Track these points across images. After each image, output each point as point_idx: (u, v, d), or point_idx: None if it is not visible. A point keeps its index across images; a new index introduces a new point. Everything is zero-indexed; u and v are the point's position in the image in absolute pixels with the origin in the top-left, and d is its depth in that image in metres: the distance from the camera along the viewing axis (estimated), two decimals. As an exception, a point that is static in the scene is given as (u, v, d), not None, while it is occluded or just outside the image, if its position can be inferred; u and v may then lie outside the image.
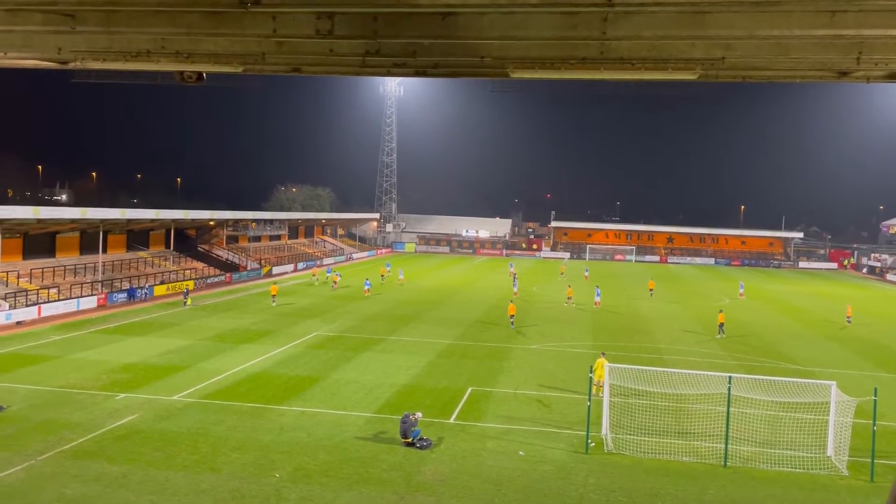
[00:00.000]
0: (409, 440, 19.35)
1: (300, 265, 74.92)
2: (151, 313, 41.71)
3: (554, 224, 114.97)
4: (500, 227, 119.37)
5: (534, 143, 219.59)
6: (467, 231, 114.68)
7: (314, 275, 63.56)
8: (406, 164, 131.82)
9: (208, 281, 57.04)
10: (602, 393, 22.60)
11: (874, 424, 18.55)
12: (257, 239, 78.82)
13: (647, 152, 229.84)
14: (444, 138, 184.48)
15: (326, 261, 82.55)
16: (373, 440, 20.01)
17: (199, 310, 43.66)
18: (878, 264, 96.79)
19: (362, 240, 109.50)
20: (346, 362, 29.72)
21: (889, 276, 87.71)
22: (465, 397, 24.81)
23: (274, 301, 46.52)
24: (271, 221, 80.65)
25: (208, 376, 26.63)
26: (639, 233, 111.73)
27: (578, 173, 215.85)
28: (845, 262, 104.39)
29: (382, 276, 62.49)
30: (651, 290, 60.06)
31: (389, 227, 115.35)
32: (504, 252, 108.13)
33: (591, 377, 21.29)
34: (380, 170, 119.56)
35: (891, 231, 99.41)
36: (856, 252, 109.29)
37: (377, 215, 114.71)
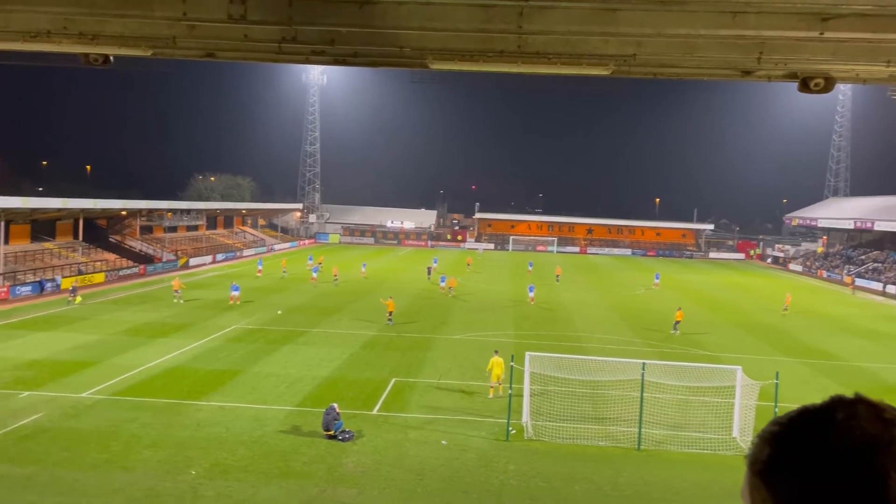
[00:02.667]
0: (332, 433, 19.20)
1: (219, 256, 72.91)
2: (59, 307, 39.71)
3: (478, 215, 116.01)
4: (425, 218, 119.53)
5: (459, 134, 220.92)
6: (392, 222, 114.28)
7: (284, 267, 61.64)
8: (330, 154, 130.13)
9: (121, 273, 54.78)
10: (500, 392, 23.19)
11: (776, 406, 19.64)
12: (173, 229, 76.15)
13: (569, 146, 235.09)
14: (369, 128, 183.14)
15: (246, 252, 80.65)
16: (294, 434, 19.75)
17: (109, 304, 41.86)
18: (782, 255, 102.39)
19: (284, 230, 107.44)
20: (267, 355, 29.18)
21: (791, 266, 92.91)
22: (389, 388, 24.81)
23: (178, 296, 42.44)
24: (188, 211, 78.10)
25: (120, 372, 25.60)
26: (560, 224, 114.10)
27: (503, 165, 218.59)
28: (752, 252, 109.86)
29: (284, 269, 60.76)
30: (557, 275, 62.09)
31: (313, 218, 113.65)
32: (429, 243, 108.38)
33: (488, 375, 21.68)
34: (303, 159, 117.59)
35: (793, 223, 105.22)
36: (761, 243, 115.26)
37: (300, 206, 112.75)
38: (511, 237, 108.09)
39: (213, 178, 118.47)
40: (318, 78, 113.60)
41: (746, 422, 20.39)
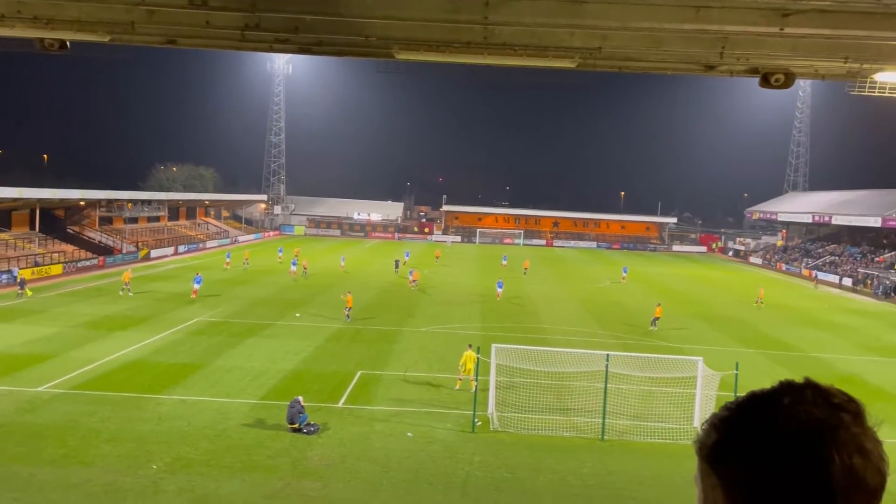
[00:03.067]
0: (296, 426, 19.06)
1: (181, 248, 71.73)
2: (13, 300, 38.66)
3: (445, 208, 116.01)
4: (392, 210, 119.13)
5: (426, 126, 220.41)
6: (359, 214, 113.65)
7: (246, 259, 60.78)
8: (295, 145, 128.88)
9: (79, 265, 53.53)
10: (471, 387, 23.29)
11: (735, 396, 20.01)
12: (134, 220, 74.54)
13: (536, 139, 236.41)
14: (335, 119, 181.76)
15: (210, 244, 79.51)
16: (258, 427, 19.56)
17: (67, 296, 40.90)
18: (742, 248, 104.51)
19: (249, 222, 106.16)
20: (231, 348, 28.82)
21: (752, 259, 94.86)
22: (355, 381, 24.71)
23: (126, 289, 41.24)
24: (149, 202, 76.59)
25: (79, 365, 25.04)
26: (526, 217, 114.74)
27: (470, 158, 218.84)
28: (714, 245, 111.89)
29: (246, 260, 60.08)
30: (525, 269, 62.45)
31: (278, 210, 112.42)
32: (396, 236, 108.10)
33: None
34: (267, 150, 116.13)
35: (754, 217, 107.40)
36: (723, 236, 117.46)
37: (264, 197, 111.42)
38: (478, 230, 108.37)
39: (175, 169, 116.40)
40: (283, 67, 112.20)
41: (707, 411, 20.72)
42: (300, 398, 19.62)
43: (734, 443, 1.06)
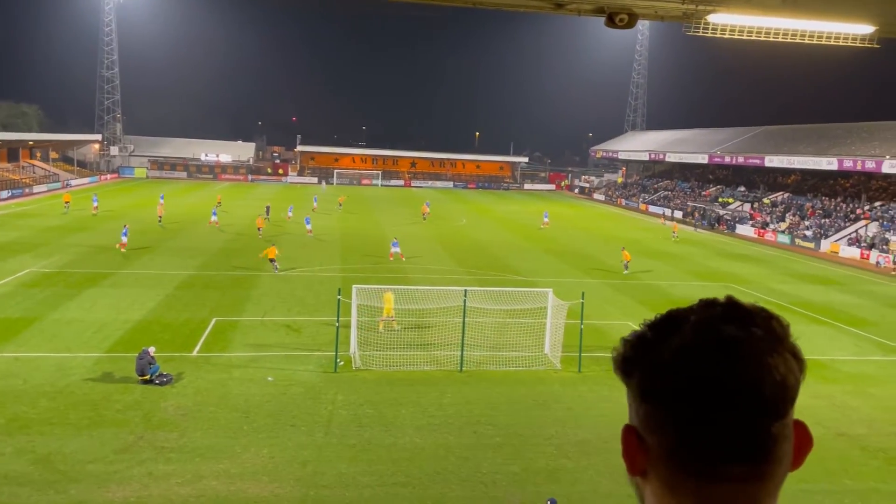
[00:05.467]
0: (147, 377, 18.18)
1: (3, 193, 64.86)
2: None
3: (300, 148, 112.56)
4: (242, 151, 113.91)
5: (277, 62, 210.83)
6: (206, 155, 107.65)
7: (67, 202, 55.16)
8: (132, 80, 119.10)
9: None
10: (393, 326, 23.42)
11: (581, 324, 21.43)
12: (-57, 163, 66.28)
13: (392, 80, 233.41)
14: (177, 52, 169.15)
15: (37, 188, 72.53)
16: (104, 381, 18.46)
17: None
18: (587, 185, 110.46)
19: (82, 164, 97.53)
20: (69, 300, 26.73)
21: (595, 196, 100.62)
22: (209, 329, 23.84)
23: None
24: (-39, 143, 68.21)
25: None
26: (384, 158, 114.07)
27: (324, 97, 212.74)
28: (562, 183, 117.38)
29: (67, 203, 55.30)
30: (424, 214, 60.96)
31: (115, 151, 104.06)
32: (249, 178, 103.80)
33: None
34: (100, 85, 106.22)
35: (597, 156, 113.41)
36: (570, 175, 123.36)
37: (99, 137, 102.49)
38: (335, 171, 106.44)
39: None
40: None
41: (556, 339, 22.12)
42: (150, 349, 18.69)
43: (638, 357, 1.09)
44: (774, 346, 1.05)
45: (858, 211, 58.34)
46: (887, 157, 54.25)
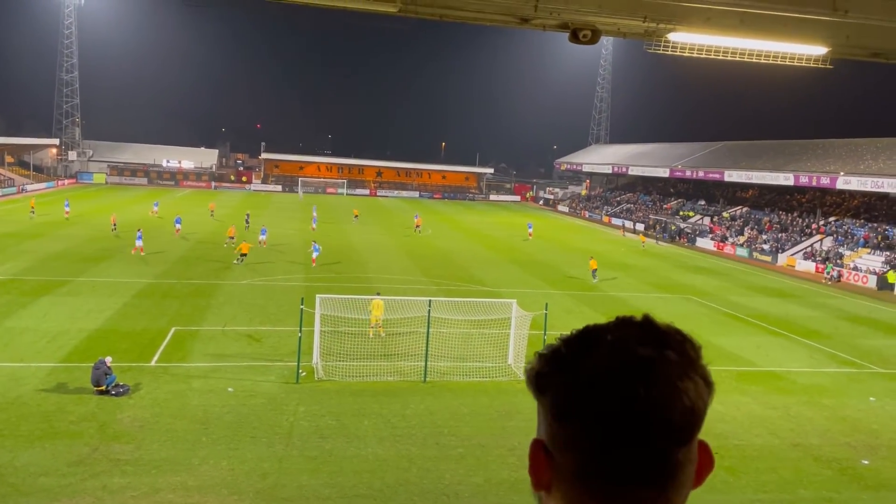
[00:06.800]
0: (103, 388, 17.75)
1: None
2: None
3: (265, 156, 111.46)
4: (205, 157, 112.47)
5: (242, 68, 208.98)
6: (168, 161, 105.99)
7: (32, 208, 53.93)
8: (92, 84, 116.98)
9: None
10: (381, 333, 23.40)
11: (545, 334, 21.58)
12: None
13: (359, 88, 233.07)
14: (139, 57, 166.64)
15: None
16: (58, 392, 17.97)
17: None
18: (552, 197, 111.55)
19: (38, 169, 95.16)
20: (21, 308, 25.99)
21: (560, 207, 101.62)
22: (168, 338, 23.40)
23: None
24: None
25: None
26: (350, 166, 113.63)
27: (290, 104, 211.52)
28: (527, 195, 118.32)
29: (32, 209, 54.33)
30: (356, 216, 62.24)
31: (73, 156, 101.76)
32: (213, 185, 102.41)
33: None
34: (58, 89, 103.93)
35: (562, 168, 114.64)
36: (535, 186, 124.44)
37: (56, 141, 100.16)
38: (300, 179, 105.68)
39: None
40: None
41: (520, 349, 22.22)
42: (106, 359, 18.26)
43: (552, 374, 1.09)
44: (686, 369, 1.05)
45: (814, 226, 59.95)
46: (841, 173, 55.91)
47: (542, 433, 1.11)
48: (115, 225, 48.16)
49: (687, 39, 10.10)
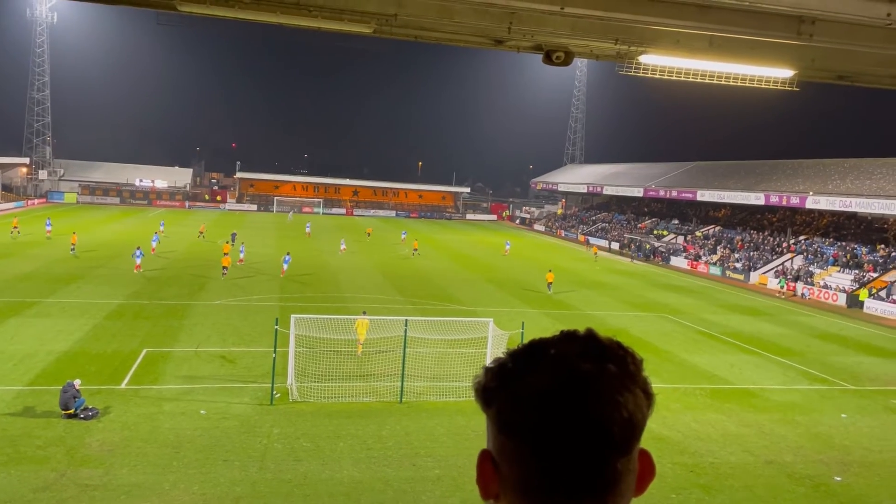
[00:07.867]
0: (71, 411, 17.36)
1: (-79, 218, 61.56)
2: None
3: (239, 175, 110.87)
4: (179, 176, 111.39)
5: (216, 88, 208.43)
6: (141, 181, 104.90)
7: (15, 227, 53.31)
8: (64, 103, 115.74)
9: None
10: (359, 352, 23.33)
11: (521, 353, 21.53)
12: None
13: (336, 107, 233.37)
14: (112, 76, 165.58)
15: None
16: (25, 416, 17.53)
17: None
18: (528, 216, 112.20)
19: (7, 188, 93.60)
20: (-12, 330, 25.41)
21: (536, 226, 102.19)
22: (139, 360, 22.99)
23: None
24: None
25: None
26: (326, 186, 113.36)
27: (265, 123, 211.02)
28: (503, 214, 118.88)
29: (15, 227, 53.62)
30: (368, 233, 63.81)
31: (44, 175, 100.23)
32: (187, 204, 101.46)
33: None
34: (29, 107, 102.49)
35: (538, 187, 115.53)
36: (511, 205, 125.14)
37: (27, 160, 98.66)
38: (276, 198, 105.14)
39: None
40: (46, 14, 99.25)
41: (497, 369, 22.13)
42: (75, 382, 17.88)
43: (498, 387, 1.12)
44: (626, 382, 1.08)
45: (785, 244, 60.93)
46: (811, 193, 57.01)
47: (490, 445, 1.15)
48: (73, 246, 46.80)
49: (658, 62, 10.27)
